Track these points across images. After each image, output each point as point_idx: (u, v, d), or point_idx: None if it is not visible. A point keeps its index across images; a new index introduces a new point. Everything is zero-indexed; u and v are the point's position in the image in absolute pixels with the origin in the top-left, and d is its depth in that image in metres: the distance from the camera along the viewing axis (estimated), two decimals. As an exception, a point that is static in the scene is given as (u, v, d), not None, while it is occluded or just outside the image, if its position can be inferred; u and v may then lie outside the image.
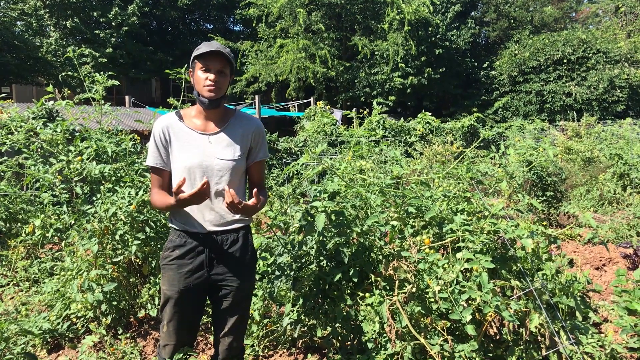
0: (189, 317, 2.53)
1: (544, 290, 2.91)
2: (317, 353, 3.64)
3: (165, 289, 2.48)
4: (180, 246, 2.45)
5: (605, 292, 4.73)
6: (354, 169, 3.42)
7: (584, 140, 11.59)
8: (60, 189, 4.37)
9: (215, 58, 2.34)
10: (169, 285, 2.46)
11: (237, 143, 2.47)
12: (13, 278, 4.78)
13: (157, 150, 2.44)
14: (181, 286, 2.44)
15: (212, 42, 2.38)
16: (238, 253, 2.50)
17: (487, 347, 3.01)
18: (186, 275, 2.44)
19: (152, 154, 2.45)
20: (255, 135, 2.53)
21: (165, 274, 2.48)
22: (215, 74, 2.35)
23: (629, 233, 6.29)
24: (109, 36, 24.22)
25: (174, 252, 2.46)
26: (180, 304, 2.46)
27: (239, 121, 2.52)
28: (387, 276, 2.89)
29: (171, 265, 2.46)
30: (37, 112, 6.44)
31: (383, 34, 24.60)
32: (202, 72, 2.35)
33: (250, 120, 2.56)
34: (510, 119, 23.65)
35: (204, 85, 2.34)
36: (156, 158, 2.45)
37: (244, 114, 2.59)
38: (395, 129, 11.99)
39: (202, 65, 2.34)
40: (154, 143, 2.44)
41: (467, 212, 3.08)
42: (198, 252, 2.45)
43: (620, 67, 23.78)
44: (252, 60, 25.23)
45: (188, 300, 2.47)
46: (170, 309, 2.47)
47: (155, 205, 2.45)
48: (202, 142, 2.42)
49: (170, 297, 2.45)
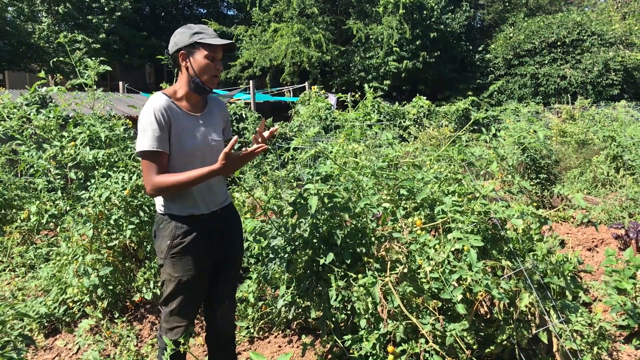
0: (200, 298, 2.63)
1: (535, 270, 2.94)
2: (311, 334, 3.69)
3: (178, 276, 2.45)
4: (190, 231, 2.46)
5: (596, 273, 4.78)
6: (347, 152, 3.44)
7: (578, 123, 11.60)
8: (54, 175, 4.37)
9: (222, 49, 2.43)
10: (183, 271, 2.46)
11: (218, 124, 2.59)
12: (9, 264, 4.80)
13: (160, 133, 2.31)
14: (196, 269, 2.48)
15: (209, 28, 2.43)
16: (236, 224, 2.71)
17: (478, 326, 3.06)
18: (201, 257, 2.50)
19: (156, 138, 2.30)
20: (225, 116, 2.69)
21: (177, 262, 2.45)
22: (219, 64, 2.43)
23: (621, 214, 6.34)
24: (101, 22, 23.96)
25: (185, 239, 2.45)
26: (196, 287, 2.53)
27: (214, 103, 2.64)
28: (379, 257, 2.92)
29: (185, 252, 2.45)
30: (30, 99, 6.42)
31: (378, 17, 24.46)
32: (209, 61, 2.39)
33: (220, 101, 2.70)
34: (505, 103, 23.60)
35: (212, 74, 2.41)
36: (161, 141, 2.31)
37: (212, 96, 2.68)
38: (390, 113, 11.98)
39: (209, 53, 2.38)
40: (156, 126, 2.30)
41: (458, 193, 3.10)
42: (208, 233, 2.52)
43: (615, 49, 23.71)
44: (246, 45, 25.07)
45: (201, 282, 2.55)
46: (185, 293, 2.50)
47: (170, 184, 2.30)
48: (197, 124, 2.47)
49: (187, 281, 2.46)
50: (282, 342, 3.66)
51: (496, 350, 2.96)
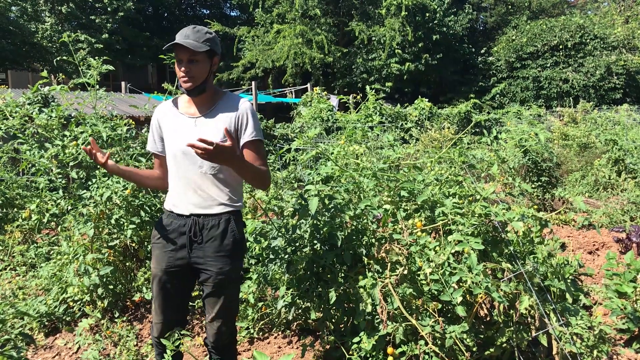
0: (173, 297, 2.58)
1: (535, 273, 2.94)
2: (311, 335, 3.69)
3: (152, 267, 2.58)
4: (167, 226, 2.53)
5: (597, 276, 4.77)
6: (348, 153, 3.44)
7: (580, 126, 11.59)
8: (56, 174, 4.38)
9: (181, 48, 2.34)
10: (155, 263, 2.55)
11: (222, 125, 2.43)
12: (10, 263, 4.81)
13: (152, 136, 2.62)
14: (164, 265, 2.51)
15: (183, 30, 2.37)
16: (217, 238, 2.45)
17: (477, 328, 3.05)
18: (169, 255, 2.51)
19: (149, 140, 2.66)
20: (239, 117, 2.45)
21: (153, 252, 2.58)
22: (186, 64, 2.35)
23: (622, 218, 6.33)
24: (104, 22, 24.02)
25: (160, 232, 2.55)
26: (164, 283, 2.53)
27: (225, 104, 2.49)
28: (379, 259, 2.92)
29: (157, 244, 2.55)
30: (33, 98, 6.42)
31: (380, 19, 24.47)
32: (177, 64, 2.40)
33: (236, 101, 2.50)
34: (507, 105, 23.62)
35: (178, 77, 2.41)
36: (151, 143, 2.65)
37: (233, 96, 2.56)
38: (392, 115, 11.99)
39: (175, 56, 2.39)
40: (151, 129, 2.63)
41: (459, 195, 3.10)
42: (180, 233, 2.49)
43: (617, 53, 23.69)
44: (249, 46, 25.11)
45: (172, 280, 2.54)
46: (155, 286, 2.56)
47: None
48: (187, 126, 2.46)
49: (155, 275, 2.54)
50: (281, 343, 3.66)
51: (496, 352, 2.96)
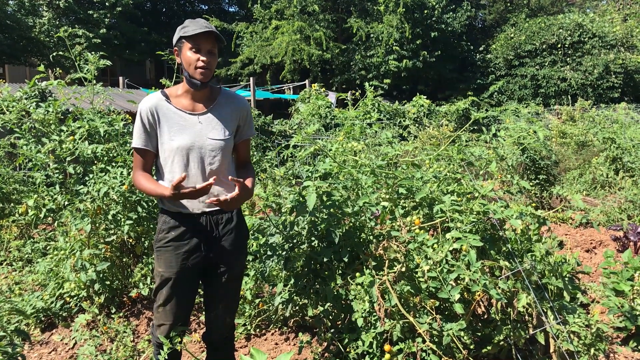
0: (186, 297, 2.53)
1: (533, 271, 2.94)
2: (308, 332, 3.68)
3: (162, 271, 2.46)
4: (176, 227, 2.43)
5: (594, 274, 4.78)
6: (346, 150, 3.43)
7: (578, 124, 11.60)
8: (52, 169, 4.36)
9: (207, 38, 2.29)
10: (165, 267, 2.44)
11: (226, 122, 2.45)
12: (6, 258, 4.80)
13: (144, 131, 2.39)
14: (178, 267, 2.43)
15: (198, 20, 2.33)
16: (234, 231, 2.51)
17: (475, 326, 3.05)
18: (183, 256, 2.43)
19: (139, 136, 2.40)
20: (243, 114, 2.52)
21: (161, 256, 2.46)
22: (206, 54, 2.30)
23: (620, 216, 6.34)
24: (102, 16, 23.91)
25: (169, 234, 2.44)
26: (178, 285, 2.46)
27: (226, 100, 2.50)
28: (377, 256, 2.91)
29: (168, 247, 2.44)
30: (30, 92, 6.39)
31: (379, 15, 24.41)
32: (192, 53, 2.29)
33: (237, 98, 2.54)
34: (505, 103, 23.60)
35: (196, 67, 2.29)
36: (143, 140, 2.40)
37: (230, 92, 2.57)
38: (390, 112, 11.98)
39: (192, 45, 2.29)
40: (140, 124, 2.39)
41: (457, 193, 3.09)
42: (194, 233, 2.44)
43: (616, 52, 23.67)
44: (247, 42, 25.04)
45: (185, 281, 2.47)
46: (167, 290, 2.46)
47: (141, 188, 2.40)
48: (192, 123, 2.40)
49: (168, 278, 2.44)
50: (278, 340, 3.66)
51: (493, 350, 2.96)
